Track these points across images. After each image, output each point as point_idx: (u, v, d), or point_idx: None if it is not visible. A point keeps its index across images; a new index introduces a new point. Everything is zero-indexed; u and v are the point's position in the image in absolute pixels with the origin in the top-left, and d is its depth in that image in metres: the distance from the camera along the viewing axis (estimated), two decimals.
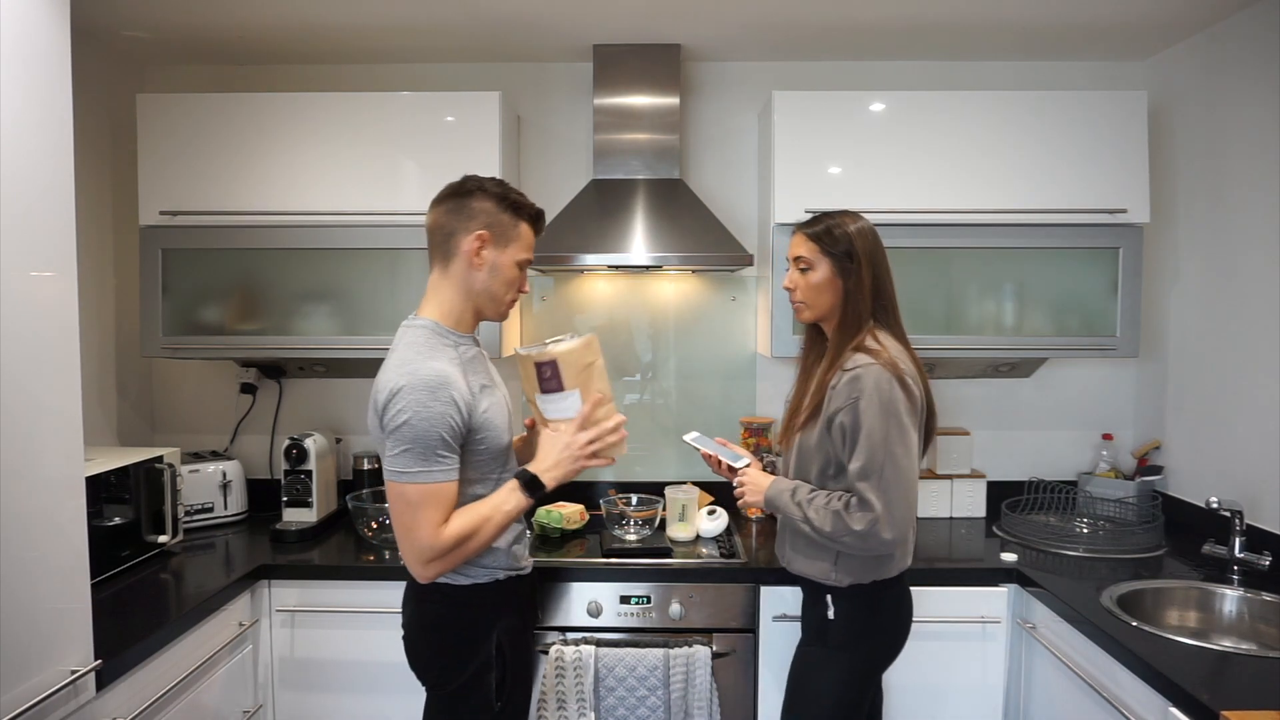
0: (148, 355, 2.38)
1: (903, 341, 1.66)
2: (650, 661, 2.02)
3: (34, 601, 1.33)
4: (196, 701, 1.84)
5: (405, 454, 1.40)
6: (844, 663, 1.64)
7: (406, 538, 1.44)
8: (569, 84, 2.69)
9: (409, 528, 1.42)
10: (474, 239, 1.50)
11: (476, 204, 1.51)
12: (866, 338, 1.61)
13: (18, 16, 1.31)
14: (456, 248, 1.51)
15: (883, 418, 1.53)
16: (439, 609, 1.56)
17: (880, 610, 1.66)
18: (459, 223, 1.51)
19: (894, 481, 1.52)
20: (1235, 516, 2.10)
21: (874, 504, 1.51)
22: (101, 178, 2.49)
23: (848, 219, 1.67)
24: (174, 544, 2.23)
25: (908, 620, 1.71)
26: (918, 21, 2.31)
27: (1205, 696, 1.38)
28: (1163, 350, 2.55)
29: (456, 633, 1.56)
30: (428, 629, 1.58)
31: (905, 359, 1.61)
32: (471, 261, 1.51)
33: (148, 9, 2.21)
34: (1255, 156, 2.16)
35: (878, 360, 1.56)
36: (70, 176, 1.42)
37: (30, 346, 1.32)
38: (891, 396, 1.54)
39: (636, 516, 2.33)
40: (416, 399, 1.40)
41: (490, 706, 1.55)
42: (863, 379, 1.55)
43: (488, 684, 1.55)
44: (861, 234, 1.65)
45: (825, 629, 1.66)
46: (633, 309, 2.72)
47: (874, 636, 1.66)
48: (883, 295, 1.65)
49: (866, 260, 1.63)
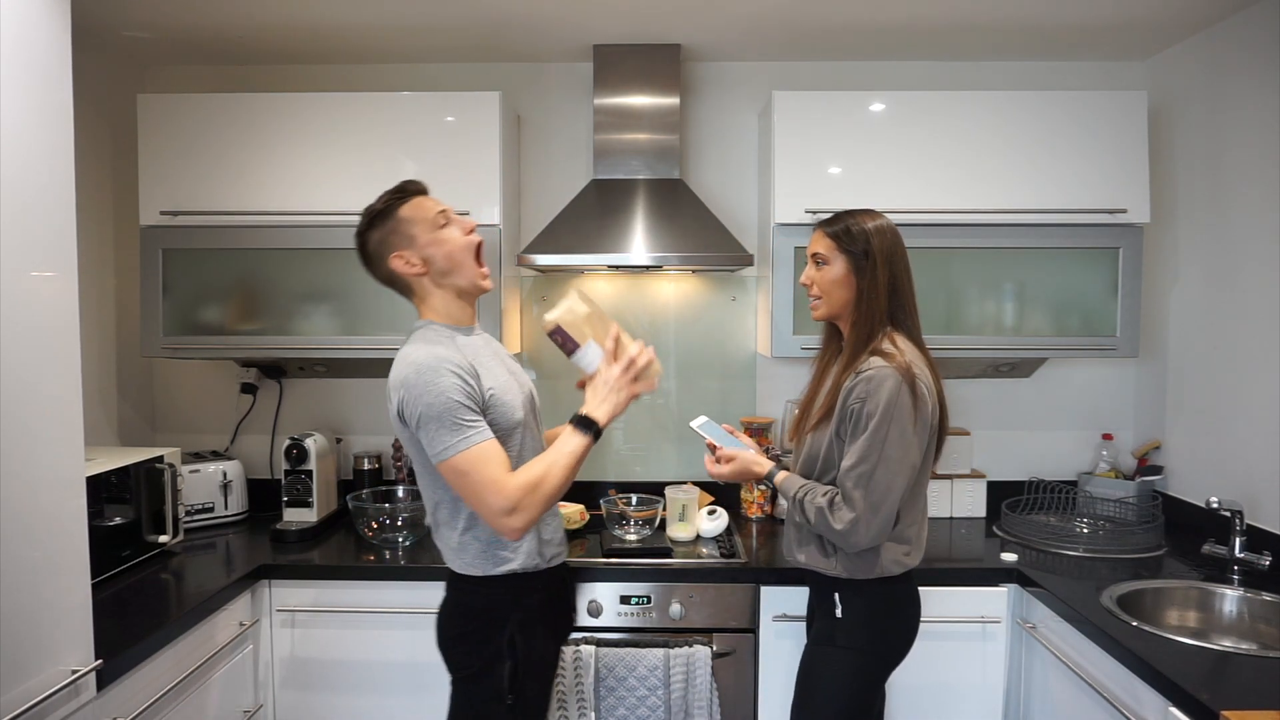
0: (148, 355, 2.38)
1: (920, 346, 1.65)
2: (650, 661, 2.02)
3: (34, 601, 1.33)
4: (196, 701, 1.84)
5: (437, 433, 1.45)
6: (853, 663, 1.64)
7: (480, 505, 1.48)
8: (569, 84, 2.69)
9: (476, 495, 1.47)
10: (396, 261, 1.56)
11: (373, 237, 1.57)
12: (884, 341, 1.61)
13: (18, 16, 1.31)
14: (397, 275, 1.58)
15: (885, 421, 1.53)
16: (460, 595, 1.62)
17: (888, 610, 1.66)
18: (380, 259, 1.58)
19: (881, 486, 1.52)
20: (1235, 516, 2.10)
21: (856, 504, 1.52)
22: (102, 178, 2.49)
23: (867, 217, 1.67)
24: (174, 544, 2.23)
25: (916, 620, 1.71)
26: (918, 21, 2.31)
27: (1205, 696, 1.38)
28: (1162, 350, 2.55)
29: (472, 621, 1.60)
30: (449, 614, 1.63)
31: (921, 364, 1.60)
32: (413, 273, 1.57)
33: (148, 9, 2.21)
34: (1255, 156, 2.16)
35: (891, 364, 1.56)
36: (70, 176, 1.42)
37: (31, 346, 1.32)
38: (899, 401, 1.53)
39: (636, 516, 2.33)
40: (422, 380, 1.45)
41: (501, 697, 1.57)
42: (874, 380, 1.55)
43: (499, 675, 1.57)
44: (879, 232, 1.65)
45: (833, 628, 1.66)
46: (633, 309, 2.72)
47: (883, 636, 1.66)
48: (899, 296, 1.64)
49: (883, 259, 1.63)
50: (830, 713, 1.64)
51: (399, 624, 2.08)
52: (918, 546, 1.67)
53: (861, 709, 1.66)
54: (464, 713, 1.62)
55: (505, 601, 1.59)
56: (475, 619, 1.59)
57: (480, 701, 1.59)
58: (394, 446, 2.68)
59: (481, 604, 1.60)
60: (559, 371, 2.69)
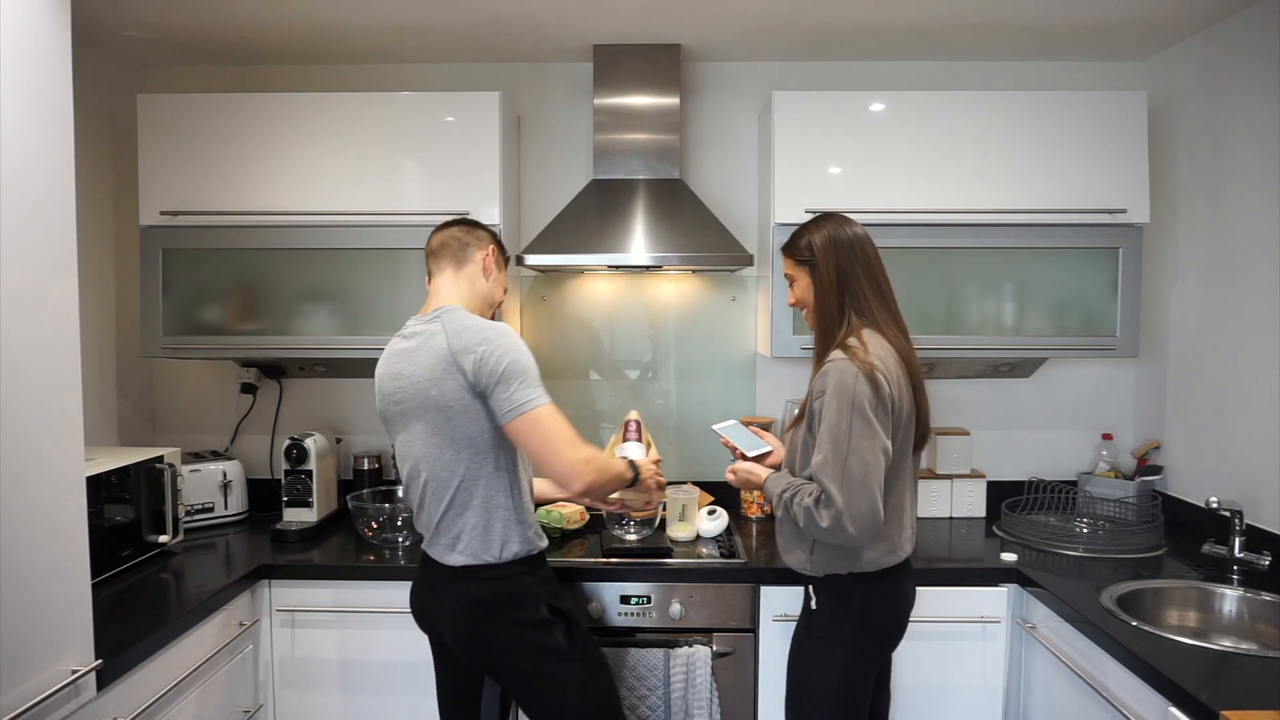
0: (148, 355, 2.38)
1: (896, 341, 1.65)
2: (650, 661, 2.02)
3: (35, 601, 1.33)
4: (196, 701, 1.84)
5: (522, 385, 1.57)
6: (832, 653, 1.65)
7: (555, 454, 1.57)
8: (569, 84, 2.69)
9: (552, 445, 1.57)
10: (486, 253, 1.80)
11: (483, 232, 1.82)
12: (849, 336, 1.63)
13: (18, 16, 1.31)
14: (471, 256, 1.78)
15: (845, 412, 1.54)
16: (484, 586, 1.65)
17: (854, 602, 1.65)
18: (472, 239, 1.79)
19: (857, 475, 1.52)
20: (1235, 516, 2.10)
21: (835, 498, 1.52)
22: (101, 178, 2.49)
23: (815, 225, 1.72)
24: (174, 544, 2.23)
25: (899, 613, 1.71)
26: (918, 21, 2.31)
27: (1205, 696, 1.38)
28: (1162, 350, 2.55)
29: (509, 603, 1.65)
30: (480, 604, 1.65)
31: (888, 357, 1.60)
32: (483, 268, 1.79)
33: (148, 9, 2.21)
34: (1255, 156, 2.16)
35: (849, 355, 1.57)
36: (70, 176, 1.42)
37: (30, 346, 1.32)
38: (855, 391, 1.54)
39: (636, 516, 2.32)
40: (507, 341, 1.59)
41: (567, 653, 1.67)
42: (829, 374, 1.57)
43: (556, 636, 1.66)
44: (822, 234, 1.68)
45: (810, 619, 1.69)
46: (633, 309, 2.72)
47: (854, 628, 1.65)
48: (850, 291, 1.66)
49: (825, 258, 1.67)
50: (817, 703, 1.66)
51: (399, 624, 2.08)
52: (899, 545, 1.66)
53: (848, 700, 1.66)
54: (535, 683, 1.67)
55: (528, 578, 1.68)
56: (511, 600, 1.65)
57: (550, 666, 1.66)
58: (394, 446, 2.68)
59: (509, 587, 1.66)
60: (552, 373, 2.70)
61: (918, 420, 1.67)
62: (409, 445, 1.69)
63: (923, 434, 1.69)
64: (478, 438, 1.62)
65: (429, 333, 1.66)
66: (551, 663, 1.66)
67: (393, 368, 1.70)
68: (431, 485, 1.66)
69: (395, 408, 1.69)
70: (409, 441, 1.68)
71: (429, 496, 1.68)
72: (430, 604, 1.73)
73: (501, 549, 1.65)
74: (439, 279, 1.77)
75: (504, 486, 1.65)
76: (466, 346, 1.58)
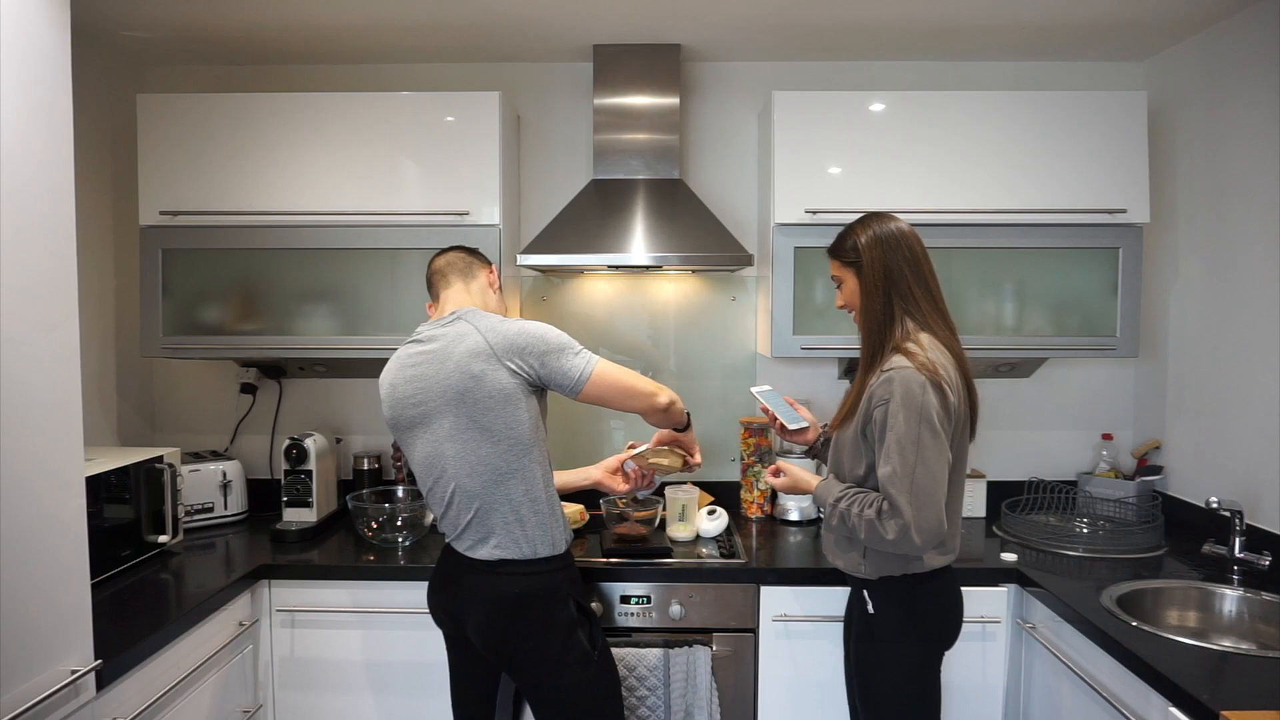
0: (148, 355, 2.38)
1: (948, 342, 1.65)
2: (650, 661, 2.02)
3: (34, 601, 1.33)
4: (196, 701, 1.84)
5: (576, 356, 1.68)
6: (897, 654, 1.66)
7: (634, 394, 1.74)
8: (569, 84, 2.69)
9: (628, 388, 1.72)
10: (489, 270, 1.91)
11: (481, 256, 1.92)
12: (907, 340, 1.61)
13: (18, 16, 1.31)
14: (476, 274, 1.87)
15: (913, 422, 1.52)
16: (516, 582, 1.67)
17: (917, 603, 1.65)
18: (475, 259, 1.89)
19: (925, 487, 1.51)
20: (1235, 516, 2.10)
21: (904, 510, 1.51)
22: (101, 178, 2.49)
23: (858, 225, 1.70)
24: (174, 544, 2.23)
25: (953, 610, 1.71)
26: (918, 21, 2.31)
27: (1205, 696, 1.38)
28: (1162, 350, 2.55)
29: (539, 602, 1.67)
30: (511, 602, 1.67)
31: (947, 362, 1.60)
32: (490, 283, 1.89)
33: (148, 9, 2.21)
34: (1255, 157, 2.16)
35: (913, 362, 1.55)
36: (70, 176, 1.42)
37: (30, 346, 1.32)
38: (923, 401, 1.53)
39: (636, 516, 2.32)
40: (538, 326, 1.69)
41: (590, 657, 1.70)
42: (894, 381, 1.55)
43: (578, 639, 1.69)
44: (868, 234, 1.66)
45: (869, 624, 1.68)
46: (633, 309, 2.72)
47: (916, 628, 1.66)
48: (899, 292, 1.64)
49: (871, 258, 1.65)
50: (893, 704, 1.66)
51: (399, 624, 2.09)
52: (952, 545, 1.67)
53: (921, 695, 1.67)
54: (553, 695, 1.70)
55: (559, 574, 1.71)
56: (542, 595, 1.67)
57: (568, 677, 1.68)
58: (394, 446, 2.68)
59: (542, 582, 1.68)
60: None
61: (970, 420, 1.67)
62: (434, 444, 1.68)
63: (973, 434, 1.70)
64: (516, 428, 1.64)
65: (455, 333, 1.68)
66: (570, 674, 1.68)
67: (409, 372, 1.70)
68: (461, 481, 1.66)
69: (413, 410, 1.69)
70: (434, 440, 1.68)
71: (458, 492, 1.68)
72: (455, 599, 1.72)
73: (535, 544, 1.67)
74: (448, 292, 1.83)
75: (539, 480, 1.68)
76: (509, 340, 1.64)
